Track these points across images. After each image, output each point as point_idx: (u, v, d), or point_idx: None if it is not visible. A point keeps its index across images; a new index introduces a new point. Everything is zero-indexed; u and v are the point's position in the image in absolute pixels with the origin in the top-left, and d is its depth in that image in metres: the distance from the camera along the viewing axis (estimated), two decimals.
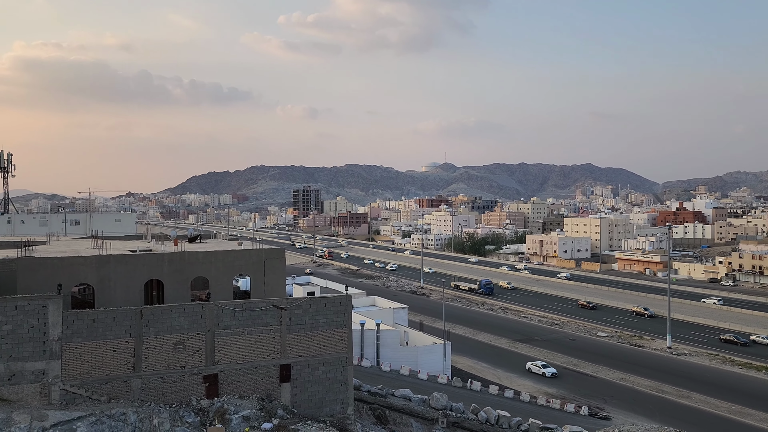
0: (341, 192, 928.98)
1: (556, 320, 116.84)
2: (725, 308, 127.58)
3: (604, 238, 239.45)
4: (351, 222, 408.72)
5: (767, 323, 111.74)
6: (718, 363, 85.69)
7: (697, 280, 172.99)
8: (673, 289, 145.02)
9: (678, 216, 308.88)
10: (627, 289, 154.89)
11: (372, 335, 70.84)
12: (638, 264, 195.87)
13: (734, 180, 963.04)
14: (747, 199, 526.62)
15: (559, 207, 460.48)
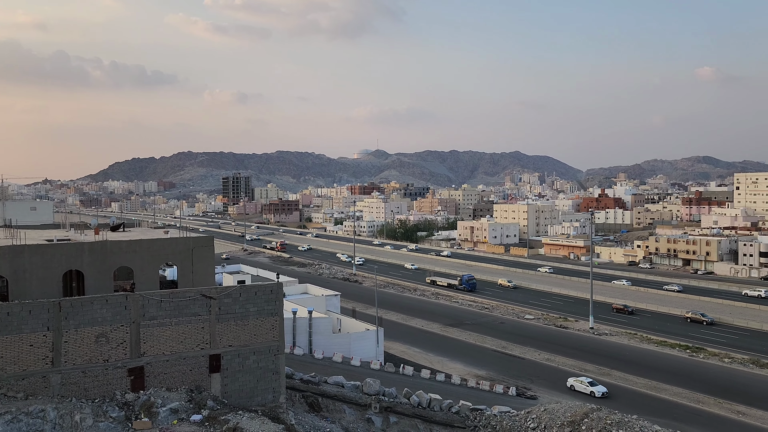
0: (272, 179, 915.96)
1: (486, 304, 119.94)
2: (642, 289, 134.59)
3: (531, 224, 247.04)
4: (283, 209, 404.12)
5: (676, 301, 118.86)
6: (636, 341, 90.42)
7: (617, 264, 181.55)
8: (595, 272, 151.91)
9: (600, 202, 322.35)
10: (554, 273, 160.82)
11: (304, 323, 70.56)
12: (563, 249, 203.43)
13: (651, 168, 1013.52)
14: (663, 186, 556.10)
15: (489, 194, 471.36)
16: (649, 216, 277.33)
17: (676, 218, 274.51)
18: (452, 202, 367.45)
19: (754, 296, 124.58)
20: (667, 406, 62.73)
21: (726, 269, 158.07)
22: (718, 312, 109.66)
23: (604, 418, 41.04)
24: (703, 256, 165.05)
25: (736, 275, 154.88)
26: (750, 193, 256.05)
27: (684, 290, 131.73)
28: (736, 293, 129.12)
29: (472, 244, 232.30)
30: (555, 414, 43.04)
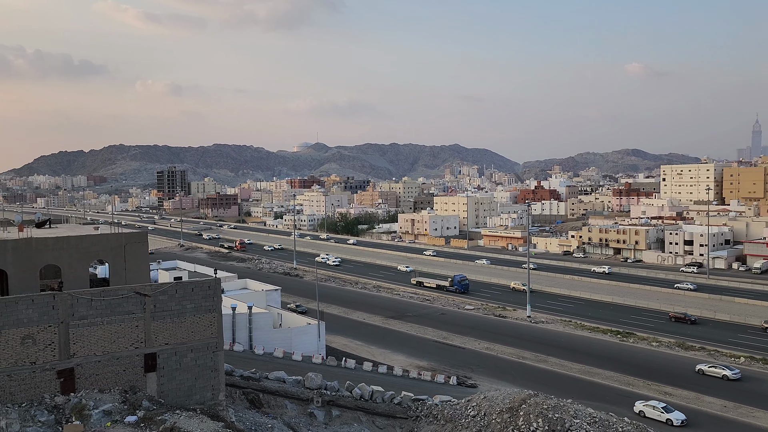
0: (209, 173, 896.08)
1: (427, 296, 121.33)
2: (576, 278, 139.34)
3: (471, 215, 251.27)
4: (221, 204, 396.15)
5: (607, 289, 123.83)
6: (571, 328, 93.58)
7: (552, 254, 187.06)
8: (534, 262, 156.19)
9: (536, 194, 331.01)
10: (493, 264, 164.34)
11: (244, 318, 69.54)
12: (502, 240, 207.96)
13: (584, 160, 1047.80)
14: (595, 178, 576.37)
15: (429, 186, 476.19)
16: (583, 207, 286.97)
17: (607, 209, 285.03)
18: (393, 195, 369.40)
19: (599, 272, 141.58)
20: (599, 389, 65.27)
21: (653, 257, 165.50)
22: (646, 298, 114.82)
23: (541, 403, 42.30)
24: (632, 245, 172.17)
25: (662, 263, 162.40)
26: (675, 184, 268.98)
27: (610, 275, 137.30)
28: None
29: (413, 236, 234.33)
30: (494, 401, 44.07)
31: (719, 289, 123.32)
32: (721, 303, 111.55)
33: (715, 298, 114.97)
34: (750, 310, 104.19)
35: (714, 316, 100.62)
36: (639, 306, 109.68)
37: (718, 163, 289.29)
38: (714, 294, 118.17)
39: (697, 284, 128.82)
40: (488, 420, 42.31)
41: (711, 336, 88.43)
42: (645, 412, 56.66)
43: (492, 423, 41.90)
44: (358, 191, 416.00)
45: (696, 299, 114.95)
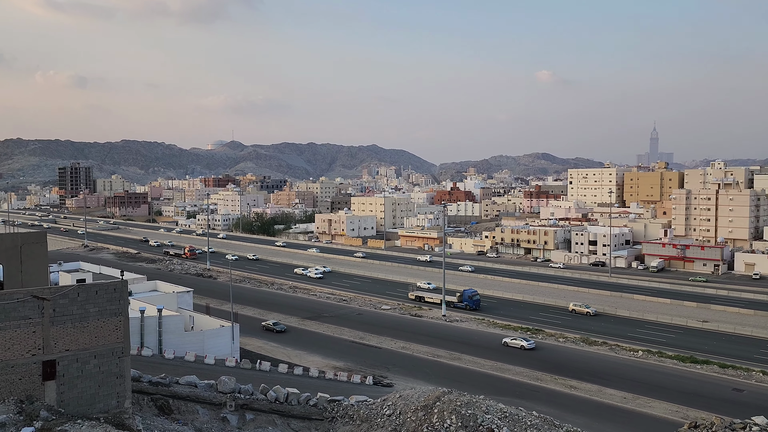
0: (117, 170, 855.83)
1: (344, 296, 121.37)
2: (490, 277, 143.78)
3: (388, 216, 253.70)
4: (129, 202, 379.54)
5: (520, 288, 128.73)
6: (484, 326, 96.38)
7: (467, 254, 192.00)
8: (447, 262, 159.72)
9: (452, 195, 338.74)
10: (408, 264, 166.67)
11: (153, 322, 66.93)
12: (418, 240, 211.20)
13: (498, 163, 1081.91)
14: (508, 180, 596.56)
15: (346, 186, 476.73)
16: (496, 208, 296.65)
17: (519, 210, 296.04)
18: (310, 195, 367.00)
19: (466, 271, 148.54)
20: (510, 384, 67.64)
21: (561, 257, 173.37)
22: (554, 296, 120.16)
23: (455, 400, 43.29)
24: (541, 245, 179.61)
25: (569, 262, 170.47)
26: (581, 187, 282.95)
27: (475, 270, 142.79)
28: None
29: (330, 236, 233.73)
30: (409, 400, 44.68)
31: (620, 287, 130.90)
32: (621, 300, 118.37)
33: (616, 296, 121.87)
34: (647, 307, 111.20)
35: (615, 312, 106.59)
36: (547, 303, 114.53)
37: (620, 167, 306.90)
38: (615, 291, 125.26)
39: (600, 282, 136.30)
40: (403, 418, 42.85)
41: (612, 331, 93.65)
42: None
43: (407, 421, 42.47)
44: (275, 191, 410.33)
45: (599, 296, 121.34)
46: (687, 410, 59.25)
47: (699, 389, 66.44)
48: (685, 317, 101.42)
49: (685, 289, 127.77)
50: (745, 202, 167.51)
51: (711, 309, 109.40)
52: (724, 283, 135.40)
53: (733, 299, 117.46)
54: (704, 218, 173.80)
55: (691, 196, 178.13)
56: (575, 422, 51.02)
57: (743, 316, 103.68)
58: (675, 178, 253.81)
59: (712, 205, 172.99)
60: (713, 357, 79.01)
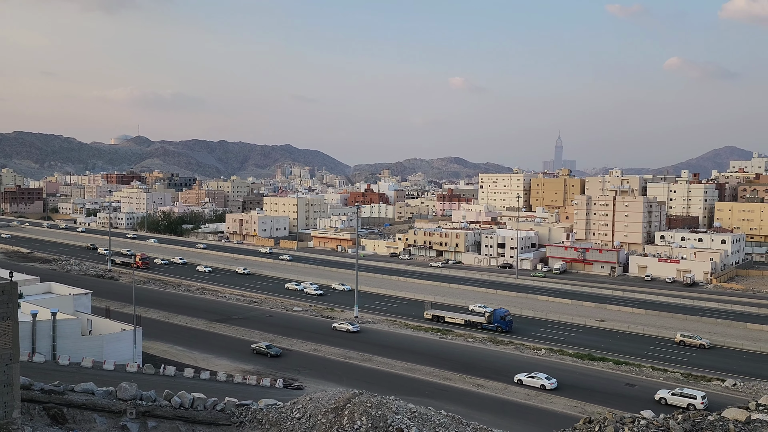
0: (9, 164, 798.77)
1: (255, 298, 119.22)
2: (402, 279, 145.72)
3: (301, 217, 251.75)
4: (22, 198, 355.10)
5: (432, 289, 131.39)
6: (396, 327, 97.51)
7: (381, 255, 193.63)
8: (362, 264, 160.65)
9: (366, 197, 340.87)
10: (321, 265, 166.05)
11: (46, 326, 62.96)
12: (331, 241, 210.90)
13: (412, 165, 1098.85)
14: (421, 183, 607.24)
15: (259, 186, 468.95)
16: (409, 210, 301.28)
17: (432, 213, 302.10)
18: (221, 194, 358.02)
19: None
20: (420, 384, 68.78)
21: (471, 259, 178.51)
22: (464, 298, 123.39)
23: (365, 401, 43.50)
24: (453, 247, 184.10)
25: (479, 264, 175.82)
26: (491, 191, 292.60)
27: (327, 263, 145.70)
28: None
29: (241, 237, 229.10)
30: (320, 402, 44.46)
31: (525, 288, 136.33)
32: (527, 300, 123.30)
33: (522, 296, 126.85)
34: (550, 307, 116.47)
35: (521, 312, 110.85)
36: (458, 305, 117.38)
37: (527, 173, 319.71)
38: (521, 292, 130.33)
39: (508, 283, 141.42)
40: (313, 421, 42.59)
41: (518, 331, 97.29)
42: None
43: (317, 424, 42.25)
44: (184, 189, 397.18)
45: (506, 297, 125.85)
46: (584, 405, 62.50)
47: (596, 385, 70.27)
48: (584, 317, 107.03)
49: (584, 290, 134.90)
50: (639, 209, 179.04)
51: (607, 309, 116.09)
52: (620, 284, 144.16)
53: (627, 299, 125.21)
54: (603, 223, 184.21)
55: (591, 202, 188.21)
56: (481, 419, 52.63)
57: (636, 315, 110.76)
58: (577, 185, 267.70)
59: (610, 211, 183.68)
60: (609, 354, 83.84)
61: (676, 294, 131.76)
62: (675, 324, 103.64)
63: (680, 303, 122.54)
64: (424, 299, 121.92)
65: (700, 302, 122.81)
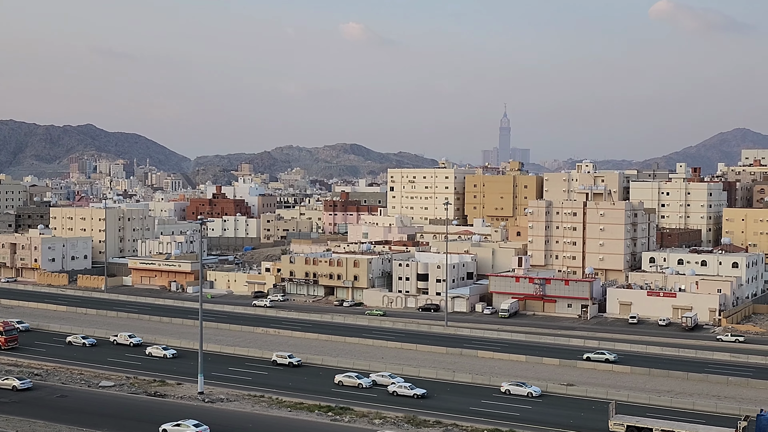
0: None
1: (37, 367, 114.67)
2: (272, 332, 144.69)
3: (112, 238, 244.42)
4: None
5: (319, 346, 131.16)
6: (263, 407, 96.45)
7: (239, 295, 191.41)
8: (209, 310, 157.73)
9: (215, 206, 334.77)
10: (144, 313, 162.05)
11: None
12: (161, 275, 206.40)
13: (286, 158, 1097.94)
14: (300, 184, 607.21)
15: (43, 190, 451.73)
16: (283, 226, 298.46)
17: (317, 229, 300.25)
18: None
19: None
20: None
21: (378, 298, 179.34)
22: (368, 357, 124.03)
23: None
24: (350, 281, 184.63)
25: (390, 305, 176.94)
26: (406, 195, 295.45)
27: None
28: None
29: (13, 271, 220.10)
30: None
31: (459, 341, 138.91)
32: (461, 359, 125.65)
33: (455, 353, 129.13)
34: (496, 367, 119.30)
35: (453, 377, 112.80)
36: (358, 367, 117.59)
37: (460, 168, 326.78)
38: (453, 347, 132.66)
39: (433, 334, 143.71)
40: None
41: (448, 405, 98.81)
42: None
43: None
44: None
45: (431, 355, 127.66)
46: None
47: None
48: (544, 380, 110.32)
49: (544, 340, 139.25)
50: (620, 219, 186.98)
51: (578, 367, 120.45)
52: (595, 330, 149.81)
53: (605, 353, 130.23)
54: (569, 241, 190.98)
55: (552, 210, 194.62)
56: None
57: (618, 376, 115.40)
58: (532, 185, 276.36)
59: (579, 223, 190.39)
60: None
61: (672, 343, 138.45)
62: (672, 386, 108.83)
63: (678, 355, 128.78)
64: (309, 362, 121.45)
65: (706, 353, 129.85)
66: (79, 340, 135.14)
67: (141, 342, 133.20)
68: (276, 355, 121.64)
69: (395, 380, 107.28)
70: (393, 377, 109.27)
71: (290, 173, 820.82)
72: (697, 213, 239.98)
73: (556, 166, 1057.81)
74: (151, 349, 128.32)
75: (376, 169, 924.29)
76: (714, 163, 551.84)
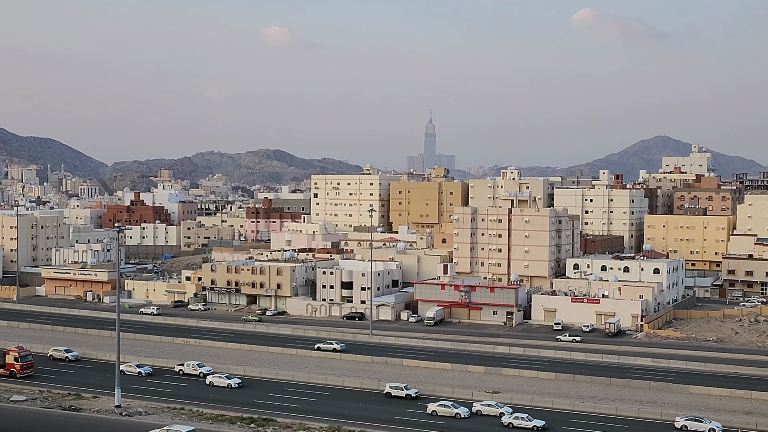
0: None
1: None
2: (192, 342, 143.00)
3: (24, 246, 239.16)
4: None
5: (240, 357, 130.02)
6: (183, 420, 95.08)
7: (159, 304, 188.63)
8: (127, 320, 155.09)
9: (134, 213, 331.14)
10: (59, 324, 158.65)
11: None
12: (76, 285, 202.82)
13: (207, 163, 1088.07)
14: (222, 190, 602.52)
15: None
16: (204, 234, 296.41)
17: (239, 236, 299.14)
18: None
19: None
20: None
21: (302, 307, 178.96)
22: (291, 367, 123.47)
23: None
24: (273, 289, 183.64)
25: (314, 314, 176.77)
26: (330, 202, 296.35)
27: None
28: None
29: None
30: None
31: (384, 349, 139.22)
32: (387, 368, 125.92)
33: (380, 362, 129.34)
34: (421, 376, 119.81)
35: (378, 387, 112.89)
36: (281, 379, 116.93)
37: (385, 174, 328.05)
38: (378, 356, 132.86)
39: (358, 343, 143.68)
40: None
41: (373, 414, 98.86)
42: None
43: None
44: None
45: (356, 365, 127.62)
46: None
47: None
48: (470, 387, 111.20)
49: (470, 348, 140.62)
50: (545, 226, 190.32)
51: (503, 374, 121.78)
52: (520, 337, 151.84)
53: (530, 359, 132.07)
54: (494, 247, 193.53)
55: (478, 216, 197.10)
56: None
57: (543, 382, 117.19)
58: (458, 192, 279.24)
59: (504, 230, 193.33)
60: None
61: (596, 349, 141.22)
62: (596, 392, 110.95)
63: (602, 361, 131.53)
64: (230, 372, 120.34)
65: (629, 358, 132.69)
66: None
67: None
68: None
69: None
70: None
71: (211, 179, 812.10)
72: (620, 219, 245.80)
73: (481, 172, 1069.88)
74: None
75: (300, 176, 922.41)
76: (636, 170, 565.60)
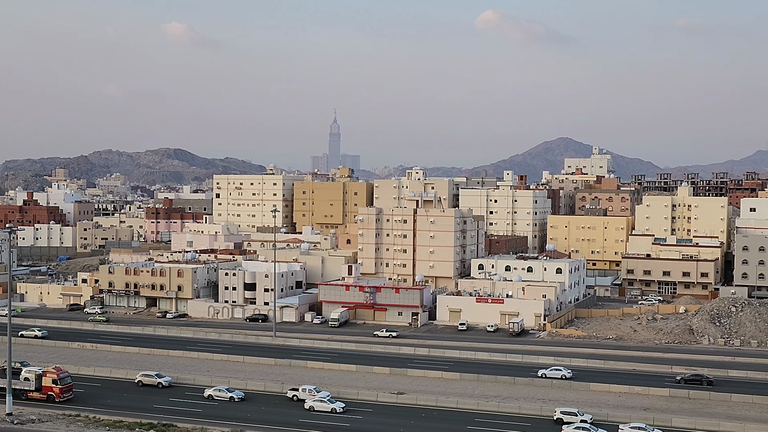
0: None
1: None
2: (89, 346, 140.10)
3: None
4: None
5: (140, 360, 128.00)
6: (79, 427, 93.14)
7: (53, 308, 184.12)
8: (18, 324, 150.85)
9: (26, 213, 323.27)
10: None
11: None
12: None
13: (105, 162, 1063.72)
14: (121, 190, 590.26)
15: None
16: (102, 235, 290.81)
17: (139, 237, 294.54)
18: None
19: None
20: None
21: (203, 309, 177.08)
22: (192, 370, 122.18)
23: None
24: (174, 291, 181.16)
25: (216, 317, 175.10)
26: (233, 202, 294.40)
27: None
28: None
29: None
30: None
31: (288, 351, 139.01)
32: (290, 370, 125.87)
33: (284, 364, 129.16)
34: (326, 378, 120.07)
35: (282, 389, 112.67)
36: (184, 382, 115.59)
37: (289, 174, 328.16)
38: (281, 358, 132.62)
39: (261, 345, 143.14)
40: None
41: (268, 417, 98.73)
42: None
43: None
44: None
45: (260, 367, 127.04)
46: None
47: None
48: (374, 389, 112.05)
49: (375, 350, 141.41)
50: (450, 227, 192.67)
51: (408, 375, 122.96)
52: (425, 338, 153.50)
53: (434, 360, 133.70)
54: (399, 248, 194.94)
55: (382, 217, 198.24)
56: None
57: (448, 383, 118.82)
58: (362, 192, 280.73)
59: (409, 230, 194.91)
60: None
61: (500, 348, 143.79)
62: (500, 391, 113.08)
63: (506, 360, 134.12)
64: (125, 378, 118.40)
65: (532, 357, 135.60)
66: None
67: None
68: None
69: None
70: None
71: (109, 179, 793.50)
72: (524, 220, 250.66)
73: (386, 172, 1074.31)
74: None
75: (202, 176, 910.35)
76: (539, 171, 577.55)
